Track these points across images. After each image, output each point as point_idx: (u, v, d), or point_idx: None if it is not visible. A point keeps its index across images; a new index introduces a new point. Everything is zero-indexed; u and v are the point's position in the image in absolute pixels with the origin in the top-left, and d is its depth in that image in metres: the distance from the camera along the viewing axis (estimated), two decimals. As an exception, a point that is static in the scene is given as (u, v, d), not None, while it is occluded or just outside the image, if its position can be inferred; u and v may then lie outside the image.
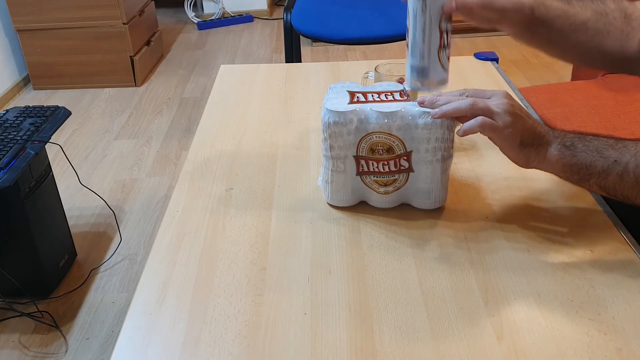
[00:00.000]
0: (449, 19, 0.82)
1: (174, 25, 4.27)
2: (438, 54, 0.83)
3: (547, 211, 0.87)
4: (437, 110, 0.78)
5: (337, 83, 0.89)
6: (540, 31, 0.87)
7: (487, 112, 0.76)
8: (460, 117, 0.79)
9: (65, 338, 1.69)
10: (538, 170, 0.79)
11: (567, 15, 0.87)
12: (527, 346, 0.65)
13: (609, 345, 0.65)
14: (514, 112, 0.76)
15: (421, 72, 0.84)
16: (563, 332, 0.67)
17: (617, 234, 0.81)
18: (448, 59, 0.84)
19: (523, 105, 0.79)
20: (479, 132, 0.77)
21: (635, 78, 1.86)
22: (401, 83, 0.90)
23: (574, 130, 0.79)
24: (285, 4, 2.11)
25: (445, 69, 0.84)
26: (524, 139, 0.76)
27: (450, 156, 0.83)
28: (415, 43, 0.83)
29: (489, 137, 0.78)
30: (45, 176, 1.76)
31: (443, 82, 0.85)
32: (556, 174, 0.78)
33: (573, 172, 0.76)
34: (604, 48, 0.88)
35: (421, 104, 0.80)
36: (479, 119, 0.76)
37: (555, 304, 0.70)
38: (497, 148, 0.79)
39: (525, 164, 0.78)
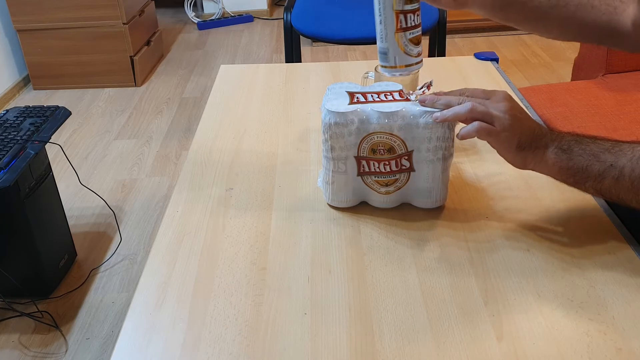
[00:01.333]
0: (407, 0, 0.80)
1: (174, 25, 4.27)
2: (395, 36, 0.82)
3: (547, 211, 0.87)
4: (438, 115, 0.79)
5: (336, 84, 0.89)
6: (512, 10, 0.85)
7: (486, 116, 0.76)
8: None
9: (65, 338, 1.69)
10: (538, 171, 0.79)
11: None
12: (527, 346, 0.65)
13: (609, 345, 0.65)
14: (513, 115, 0.76)
15: (383, 55, 0.84)
16: (563, 332, 0.67)
17: (617, 234, 0.81)
18: (412, 41, 0.82)
19: (522, 106, 0.79)
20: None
21: (635, 78, 1.86)
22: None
23: (572, 131, 0.79)
24: (285, 4, 2.11)
25: (407, 52, 0.82)
26: (521, 142, 0.76)
27: (451, 155, 0.83)
28: (375, 24, 0.82)
29: (487, 141, 0.78)
30: (45, 176, 1.76)
31: (407, 66, 0.84)
32: (552, 176, 0.78)
33: (569, 175, 0.76)
34: (588, 22, 0.86)
35: (422, 103, 0.81)
36: (476, 124, 0.76)
37: (555, 304, 0.70)
38: (496, 149, 0.79)
39: (522, 166, 0.79)
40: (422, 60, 0.85)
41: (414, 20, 0.81)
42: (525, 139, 0.76)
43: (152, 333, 0.69)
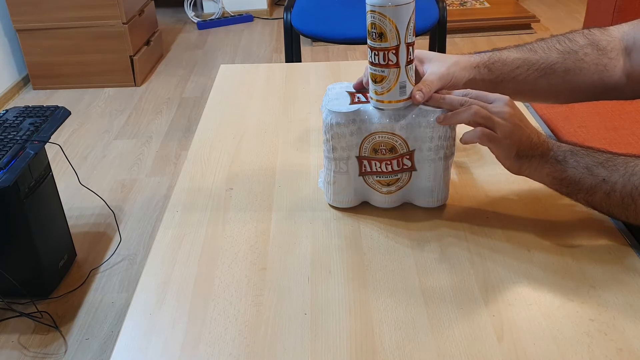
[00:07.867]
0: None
1: (173, 25, 4.27)
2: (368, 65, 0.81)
3: (548, 211, 0.87)
4: (441, 117, 0.80)
5: (336, 84, 0.89)
6: (505, 86, 0.89)
7: (489, 122, 0.77)
8: None
9: (64, 338, 1.69)
10: (538, 171, 0.79)
11: (529, 63, 0.89)
12: (527, 346, 0.65)
13: (609, 345, 0.65)
14: (514, 123, 0.77)
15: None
16: (563, 332, 0.67)
17: (617, 234, 0.81)
18: (372, 77, 0.80)
19: (523, 113, 0.80)
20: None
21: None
22: None
23: (569, 140, 0.80)
24: (285, 3, 2.11)
25: (373, 86, 0.81)
26: (520, 150, 0.78)
27: (452, 154, 0.83)
28: None
29: (487, 147, 0.79)
30: (44, 176, 1.76)
31: (370, 98, 0.82)
32: (546, 185, 0.80)
33: (562, 185, 0.78)
34: (579, 84, 0.90)
35: (426, 102, 0.81)
36: (478, 130, 0.78)
37: (556, 304, 0.70)
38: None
39: (517, 172, 0.81)
40: (395, 102, 0.80)
41: (372, 57, 0.79)
42: (524, 148, 0.78)
43: (152, 333, 0.69)
